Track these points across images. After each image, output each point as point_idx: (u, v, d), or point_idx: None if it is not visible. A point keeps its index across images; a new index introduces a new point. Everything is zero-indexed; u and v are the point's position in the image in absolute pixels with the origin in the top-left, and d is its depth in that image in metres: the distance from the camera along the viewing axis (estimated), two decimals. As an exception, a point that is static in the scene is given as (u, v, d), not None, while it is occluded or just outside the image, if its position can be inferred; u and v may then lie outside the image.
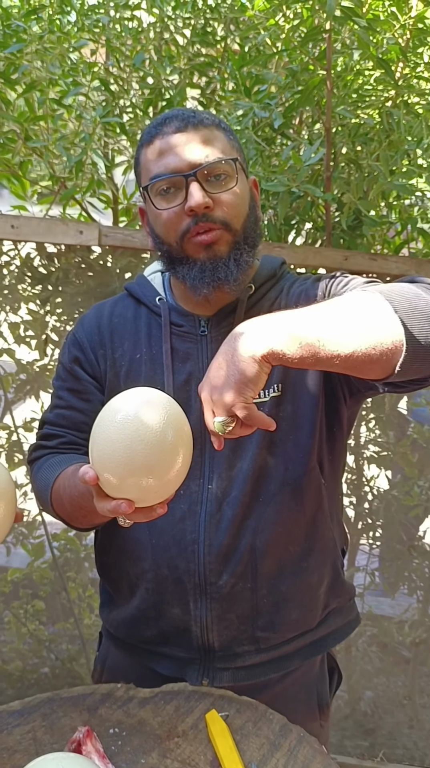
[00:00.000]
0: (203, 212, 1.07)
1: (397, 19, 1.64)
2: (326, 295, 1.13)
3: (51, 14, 1.87)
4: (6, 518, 0.94)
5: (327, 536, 1.19)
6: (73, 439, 1.21)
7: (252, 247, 1.13)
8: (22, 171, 2.03)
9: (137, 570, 1.17)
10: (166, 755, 0.99)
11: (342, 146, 1.82)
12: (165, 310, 1.18)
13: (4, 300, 2.11)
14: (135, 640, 1.22)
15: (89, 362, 1.22)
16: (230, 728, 1.03)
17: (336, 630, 1.24)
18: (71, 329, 1.28)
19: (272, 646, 1.16)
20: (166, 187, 1.09)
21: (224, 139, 1.11)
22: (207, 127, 1.09)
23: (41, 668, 2.33)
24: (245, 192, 1.12)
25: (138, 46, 1.89)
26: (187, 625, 1.15)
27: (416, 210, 1.95)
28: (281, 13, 1.70)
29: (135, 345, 1.19)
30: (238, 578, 1.13)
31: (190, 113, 1.11)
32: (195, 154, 1.07)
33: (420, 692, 2.33)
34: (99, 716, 1.05)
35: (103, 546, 1.25)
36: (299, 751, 1.00)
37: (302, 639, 1.18)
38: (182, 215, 1.08)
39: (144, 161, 1.13)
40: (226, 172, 1.09)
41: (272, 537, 1.13)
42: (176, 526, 1.13)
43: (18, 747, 0.99)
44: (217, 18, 1.91)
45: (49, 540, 2.24)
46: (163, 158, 1.09)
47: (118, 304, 1.25)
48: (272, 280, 1.20)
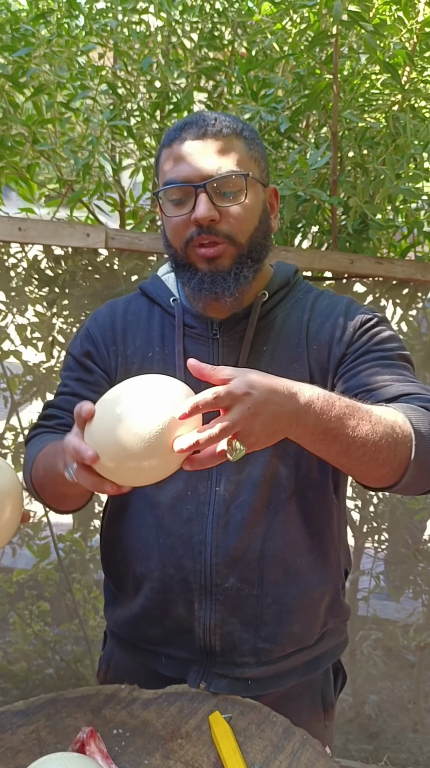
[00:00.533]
0: (209, 224, 1.08)
1: (404, 24, 1.65)
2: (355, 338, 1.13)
3: (59, 18, 1.89)
4: (12, 518, 0.95)
5: (332, 555, 1.19)
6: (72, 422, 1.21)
7: (256, 261, 1.13)
8: (29, 174, 2.04)
9: (143, 569, 1.18)
10: (170, 756, 0.99)
11: (348, 150, 1.82)
12: (179, 311, 1.18)
13: (11, 302, 2.12)
14: (138, 639, 1.22)
15: (101, 357, 1.22)
16: (234, 730, 1.03)
17: (329, 650, 1.24)
18: (83, 322, 1.28)
19: (271, 660, 1.16)
20: (177, 196, 1.10)
21: (242, 149, 1.11)
22: (226, 137, 1.09)
23: (46, 669, 2.34)
24: (255, 205, 1.12)
25: (145, 49, 1.91)
26: (190, 625, 1.16)
27: (422, 214, 1.95)
28: (288, 17, 1.70)
29: (147, 343, 1.19)
30: (244, 583, 1.13)
31: (211, 120, 1.10)
32: (208, 165, 1.08)
33: (425, 696, 2.33)
34: (103, 717, 1.05)
35: (110, 543, 1.25)
36: (302, 754, 1.00)
37: (301, 655, 1.19)
38: (189, 223, 1.09)
39: (161, 163, 1.14)
40: (237, 186, 1.09)
41: (280, 546, 1.13)
42: (184, 526, 1.13)
43: (22, 747, 1.00)
44: (224, 22, 1.92)
45: (54, 541, 2.25)
46: (178, 165, 1.09)
47: (132, 303, 1.26)
48: (286, 288, 1.20)
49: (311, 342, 1.15)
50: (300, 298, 1.20)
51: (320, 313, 1.17)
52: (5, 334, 2.12)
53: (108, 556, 1.26)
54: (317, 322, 1.16)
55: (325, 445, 0.94)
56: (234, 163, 1.09)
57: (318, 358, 1.14)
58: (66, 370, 1.26)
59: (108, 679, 1.28)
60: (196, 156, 1.08)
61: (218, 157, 1.08)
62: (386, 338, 1.15)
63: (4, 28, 1.85)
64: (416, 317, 2.04)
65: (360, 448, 0.94)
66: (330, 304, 1.18)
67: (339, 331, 1.14)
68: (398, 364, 1.12)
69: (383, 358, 1.12)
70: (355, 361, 1.13)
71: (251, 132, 1.14)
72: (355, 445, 0.94)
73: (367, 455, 0.95)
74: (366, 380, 1.09)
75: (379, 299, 1.99)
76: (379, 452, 0.96)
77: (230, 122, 1.11)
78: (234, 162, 1.09)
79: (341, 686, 1.32)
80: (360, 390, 1.08)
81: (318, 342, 1.14)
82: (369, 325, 1.15)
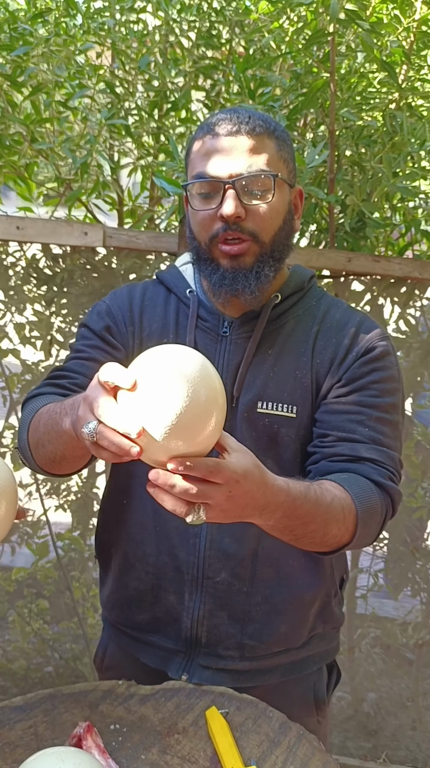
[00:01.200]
0: (235, 221, 1.09)
1: (400, 22, 1.65)
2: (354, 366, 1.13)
3: (57, 17, 1.89)
4: (7, 516, 0.95)
5: (326, 560, 1.20)
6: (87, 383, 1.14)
7: (277, 260, 1.14)
8: (28, 173, 2.05)
9: (139, 553, 1.19)
10: (167, 751, 0.99)
11: (346, 148, 1.82)
12: (194, 303, 1.19)
13: (10, 301, 2.12)
14: (126, 624, 1.24)
15: (120, 332, 1.21)
16: (230, 725, 1.03)
17: (316, 654, 1.25)
18: (103, 299, 1.26)
19: (255, 656, 1.17)
20: (205, 190, 1.11)
21: (273, 149, 1.11)
22: (258, 135, 1.10)
23: (45, 667, 2.34)
24: (281, 206, 1.13)
25: (143, 48, 1.91)
26: (178, 615, 1.17)
27: (420, 212, 1.95)
28: (285, 16, 1.71)
29: (163, 329, 1.20)
30: (235, 579, 1.15)
31: (245, 117, 1.11)
32: (238, 162, 1.09)
33: (423, 694, 2.33)
34: (100, 712, 1.06)
35: (107, 524, 1.27)
36: (298, 749, 1.01)
37: (285, 656, 1.19)
38: (215, 219, 1.10)
39: (192, 156, 1.15)
40: (265, 186, 1.10)
41: (275, 546, 1.13)
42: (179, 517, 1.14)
43: (20, 742, 1.00)
44: (222, 21, 1.92)
45: (53, 540, 2.25)
46: (208, 159, 1.10)
47: (149, 289, 1.26)
48: (299, 293, 1.20)
49: (316, 355, 1.15)
50: (312, 306, 1.20)
51: (331, 328, 1.17)
52: (4, 332, 2.12)
53: (103, 536, 1.28)
54: (325, 336, 1.16)
55: (277, 533, 1.00)
56: (264, 163, 1.10)
57: (319, 372, 1.15)
58: (80, 339, 1.22)
59: (104, 666, 1.31)
60: (227, 152, 1.09)
61: (249, 156, 1.09)
62: (385, 378, 1.15)
63: (2, 27, 1.86)
64: (414, 315, 2.04)
65: (309, 540, 1.02)
66: (341, 320, 1.18)
67: (343, 352, 1.15)
68: (384, 417, 1.13)
69: (372, 406, 1.12)
70: (347, 393, 1.13)
71: (282, 132, 1.15)
72: (306, 538, 1.01)
73: (313, 544, 1.04)
74: (345, 425, 1.12)
75: (376, 297, 1.99)
76: (324, 543, 1.04)
77: (263, 121, 1.12)
78: (264, 161, 1.10)
79: (335, 683, 1.32)
80: (334, 433, 1.11)
81: (322, 357, 1.15)
82: (372, 356, 1.14)
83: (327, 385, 1.14)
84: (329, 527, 1.01)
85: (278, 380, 1.14)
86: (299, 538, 1.01)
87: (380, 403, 1.13)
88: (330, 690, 1.30)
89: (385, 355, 1.15)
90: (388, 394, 1.14)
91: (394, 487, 1.09)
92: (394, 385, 1.16)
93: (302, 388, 1.14)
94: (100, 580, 1.32)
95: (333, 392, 1.14)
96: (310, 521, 0.98)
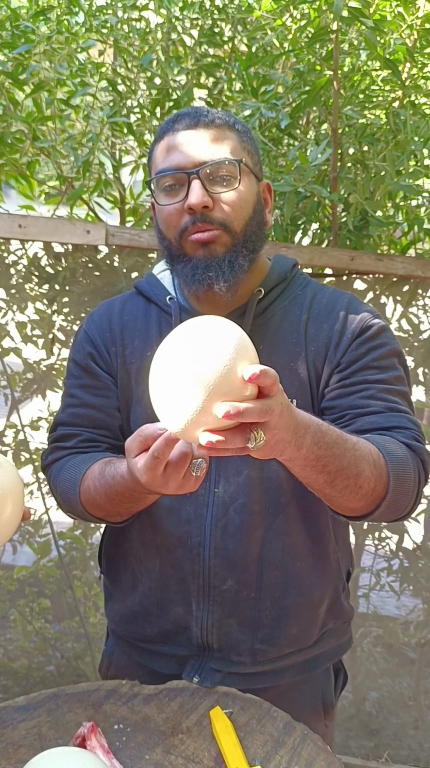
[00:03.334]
0: (202, 212, 1.06)
1: (404, 20, 1.64)
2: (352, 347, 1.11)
3: (59, 15, 1.88)
4: (14, 516, 0.95)
5: (331, 557, 1.19)
6: (92, 436, 1.19)
7: (251, 251, 1.11)
8: (29, 171, 2.04)
9: (142, 568, 1.18)
10: (171, 751, 0.99)
11: (349, 147, 1.82)
12: (176, 310, 1.16)
13: (12, 299, 2.12)
14: (135, 637, 1.22)
15: (103, 358, 1.20)
16: (234, 725, 1.03)
17: (329, 650, 1.24)
18: (80, 326, 1.27)
19: (268, 659, 1.16)
20: (169, 183, 1.09)
21: (235, 139, 1.10)
22: (218, 127, 1.09)
23: (47, 666, 2.34)
24: (250, 194, 1.11)
25: (145, 46, 1.90)
26: (188, 624, 1.16)
27: (422, 210, 1.95)
28: (288, 13, 1.70)
29: (145, 343, 1.18)
30: (242, 585, 1.13)
31: (203, 111, 1.10)
32: (200, 152, 1.07)
33: (425, 693, 2.33)
34: (104, 712, 1.05)
35: (114, 539, 1.25)
36: (302, 749, 1.00)
37: (298, 655, 1.18)
38: (182, 212, 1.08)
39: (154, 157, 1.13)
40: (230, 173, 1.08)
41: (280, 549, 1.13)
42: (182, 527, 1.13)
43: (23, 742, 1.00)
44: (224, 19, 1.92)
45: (55, 538, 2.25)
46: (170, 154, 1.09)
47: (128, 302, 1.24)
48: (283, 284, 1.18)
49: (309, 343, 1.13)
50: (298, 295, 1.18)
51: (319, 313, 1.15)
52: (5, 331, 2.12)
53: (110, 550, 1.26)
54: (315, 322, 1.14)
55: (314, 472, 0.95)
56: (228, 151, 1.08)
57: (315, 360, 1.13)
58: (70, 378, 1.23)
59: (110, 674, 1.28)
60: (189, 144, 1.08)
61: (211, 145, 1.08)
62: (385, 354, 1.13)
63: (4, 25, 1.85)
64: (416, 314, 2.04)
65: (344, 480, 0.97)
66: (329, 303, 1.16)
67: (337, 336, 1.13)
68: (394, 388, 1.11)
69: (380, 381, 1.11)
70: (350, 375, 1.11)
71: (243, 126, 1.14)
72: (340, 477, 0.96)
73: (349, 489, 0.98)
74: (359, 402, 1.09)
75: (379, 296, 1.99)
76: (359, 488, 0.98)
77: (222, 115, 1.12)
78: (228, 150, 1.08)
79: (342, 686, 1.31)
80: (351, 411, 1.09)
81: (316, 344, 1.13)
82: (368, 335, 1.13)
83: (326, 371, 1.12)
84: (361, 466, 0.97)
85: None
86: (334, 478, 0.96)
87: (385, 377, 1.11)
88: (337, 693, 1.29)
89: (381, 332, 1.14)
90: (391, 369, 1.12)
91: (422, 447, 1.07)
92: (394, 358, 1.14)
93: (299, 380, 1.12)
94: (106, 593, 1.30)
95: (335, 377, 1.12)
96: (340, 454, 0.94)
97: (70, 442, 1.19)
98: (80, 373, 1.21)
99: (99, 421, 1.19)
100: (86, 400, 1.20)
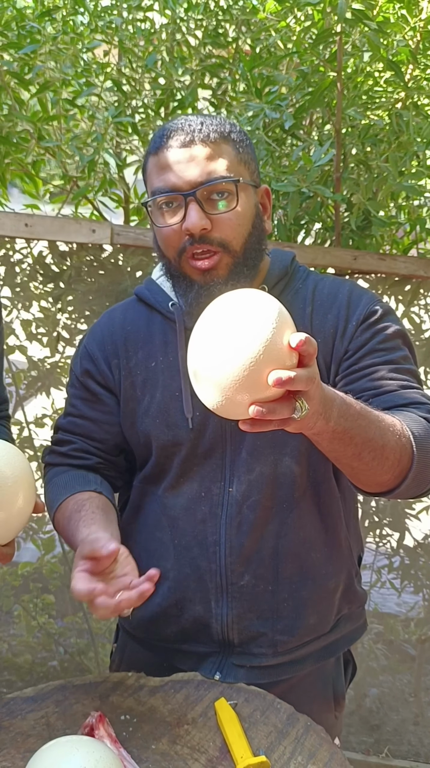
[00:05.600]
0: (201, 233, 1.05)
1: (407, 22, 1.66)
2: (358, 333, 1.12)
3: (65, 15, 1.90)
4: (25, 507, 0.95)
5: (344, 544, 1.20)
6: (84, 446, 1.23)
7: (251, 268, 1.11)
8: (34, 170, 2.06)
9: (159, 569, 1.18)
10: (176, 741, 1.01)
11: (352, 147, 1.83)
12: (180, 316, 1.16)
13: (17, 297, 2.13)
14: (155, 638, 1.22)
15: (101, 373, 1.21)
16: (239, 716, 1.04)
17: (346, 635, 1.26)
18: (83, 338, 1.27)
19: (288, 650, 1.17)
20: (165, 203, 1.08)
21: (231, 153, 1.08)
22: (214, 142, 1.06)
23: (50, 661, 2.36)
24: (248, 210, 1.09)
25: (150, 47, 1.92)
26: (208, 621, 1.17)
27: (424, 211, 1.97)
28: (292, 15, 1.72)
29: (149, 353, 1.18)
30: (259, 580, 1.14)
31: (197, 126, 1.07)
32: (196, 172, 1.05)
33: (425, 690, 2.34)
34: (110, 703, 1.07)
35: (124, 542, 1.25)
36: (305, 740, 1.02)
37: (316, 643, 1.20)
38: (181, 233, 1.07)
39: (149, 171, 1.11)
40: (227, 191, 1.06)
41: (294, 542, 1.14)
42: (198, 527, 1.14)
43: (32, 732, 1.02)
44: (228, 20, 1.93)
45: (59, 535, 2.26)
46: (165, 173, 1.07)
47: (129, 311, 1.23)
48: (285, 279, 1.18)
49: (316, 335, 1.13)
50: (300, 288, 1.18)
51: (322, 304, 1.15)
52: (10, 329, 2.13)
53: None
54: (319, 313, 1.15)
55: (342, 445, 0.95)
56: (224, 169, 1.06)
57: (323, 351, 1.13)
58: (71, 387, 1.26)
59: (122, 670, 1.29)
60: (185, 164, 1.05)
61: (207, 164, 1.05)
62: (390, 336, 1.13)
63: (10, 25, 1.87)
64: (417, 313, 2.05)
65: (371, 452, 0.96)
66: (331, 293, 1.16)
67: (342, 324, 1.13)
68: (403, 367, 1.12)
69: (388, 362, 1.11)
70: (359, 360, 1.12)
71: (239, 134, 1.11)
72: (367, 449, 0.96)
73: (376, 461, 0.97)
74: (370, 384, 1.10)
75: (381, 295, 2.00)
76: (386, 459, 0.98)
77: (217, 126, 1.08)
78: (224, 167, 1.06)
79: (351, 677, 1.33)
80: (364, 393, 1.09)
81: (323, 335, 1.14)
82: (373, 320, 1.13)
83: (335, 361, 1.13)
84: (387, 437, 0.97)
85: None
86: (361, 450, 0.96)
87: (393, 357, 1.12)
88: (347, 684, 1.31)
89: (385, 315, 1.15)
90: (397, 349, 1.13)
91: None
92: (399, 340, 1.15)
93: None
94: None
95: (343, 365, 1.13)
96: (365, 425, 0.94)
97: (64, 448, 1.25)
98: (79, 386, 1.25)
99: (93, 434, 1.23)
100: (83, 412, 1.23)
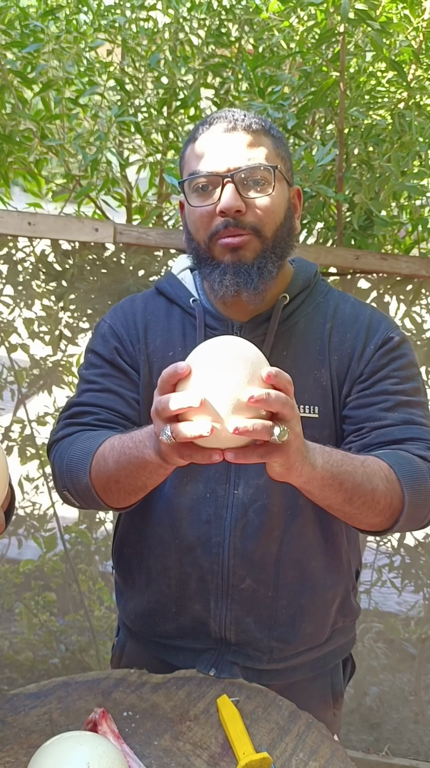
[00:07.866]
0: (234, 215, 1.07)
1: (410, 22, 1.66)
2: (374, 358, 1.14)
3: (68, 14, 1.90)
4: None
5: (343, 557, 1.21)
6: (111, 417, 1.14)
7: (280, 257, 1.12)
8: (37, 169, 2.06)
9: (160, 566, 1.19)
10: (179, 738, 1.01)
11: (354, 147, 1.84)
12: (200, 312, 1.16)
13: (19, 296, 2.14)
14: (151, 633, 1.23)
15: (128, 353, 1.19)
16: (240, 713, 1.05)
17: (338, 647, 1.26)
18: (102, 319, 1.24)
19: (283, 657, 1.18)
20: (202, 184, 1.09)
21: (270, 145, 1.11)
22: (255, 132, 1.09)
23: (51, 659, 2.36)
24: (281, 200, 1.11)
25: (153, 46, 1.92)
26: (206, 620, 1.17)
27: (426, 210, 1.97)
28: (295, 15, 1.72)
29: (167, 342, 1.17)
30: (260, 584, 1.15)
31: (240, 115, 1.11)
32: (236, 156, 1.07)
33: (426, 688, 2.35)
34: (113, 700, 1.08)
35: (127, 538, 1.26)
36: (307, 736, 1.03)
37: (310, 653, 1.21)
38: (214, 215, 1.08)
39: (187, 157, 1.13)
40: (264, 178, 1.08)
41: (297, 549, 1.15)
42: (202, 528, 1.15)
43: (35, 728, 1.02)
44: (231, 19, 1.93)
45: (60, 533, 2.27)
46: (205, 157, 1.09)
47: (149, 301, 1.23)
48: (306, 291, 1.19)
49: (333, 352, 1.15)
50: (321, 302, 1.19)
51: (343, 323, 1.16)
52: (13, 327, 2.14)
53: (123, 549, 1.27)
54: (339, 331, 1.16)
55: (332, 491, 0.98)
56: (263, 157, 1.09)
57: (338, 369, 1.14)
58: (89, 368, 1.20)
59: (122, 666, 1.30)
60: (225, 147, 1.08)
61: (247, 149, 1.08)
62: (404, 365, 1.15)
63: (14, 24, 1.87)
64: (419, 313, 2.06)
65: (361, 497, 0.99)
66: (352, 314, 1.18)
67: (360, 346, 1.14)
68: (412, 400, 1.13)
69: (398, 392, 1.13)
70: (371, 385, 1.13)
71: (278, 132, 1.15)
72: (357, 494, 0.99)
73: (366, 504, 1.01)
74: (376, 414, 1.12)
75: (383, 295, 2.01)
76: (376, 504, 1.01)
77: (259, 119, 1.12)
78: (263, 155, 1.09)
79: (349, 675, 1.34)
80: (366, 424, 1.11)
81: (340, 353, 1.15)
82: (390, 347, 1.15)
83: (349, 381, 1.14)
84: (374, 481, 1.00)
85: (298, 381, 1.11)
86: (351, 495, 0.98)
87: (404, 388, 1.13)
88: (345, 682, 1.31)
89: (402, 343, 1.16)
90: (409, 380, 1.15)
91: None
92: (414, 370, 1.16)
93: (322, 388, 1.13)
94: (118, 591, 1.31)
95: (356, 387, 1.14)
96: (351, 470, 0.98)
97: (86, 419, 1.15)
98: (102, 364, 1.19)
99: (119, 406, 1.16)
100: (107, 386, 1.17)
